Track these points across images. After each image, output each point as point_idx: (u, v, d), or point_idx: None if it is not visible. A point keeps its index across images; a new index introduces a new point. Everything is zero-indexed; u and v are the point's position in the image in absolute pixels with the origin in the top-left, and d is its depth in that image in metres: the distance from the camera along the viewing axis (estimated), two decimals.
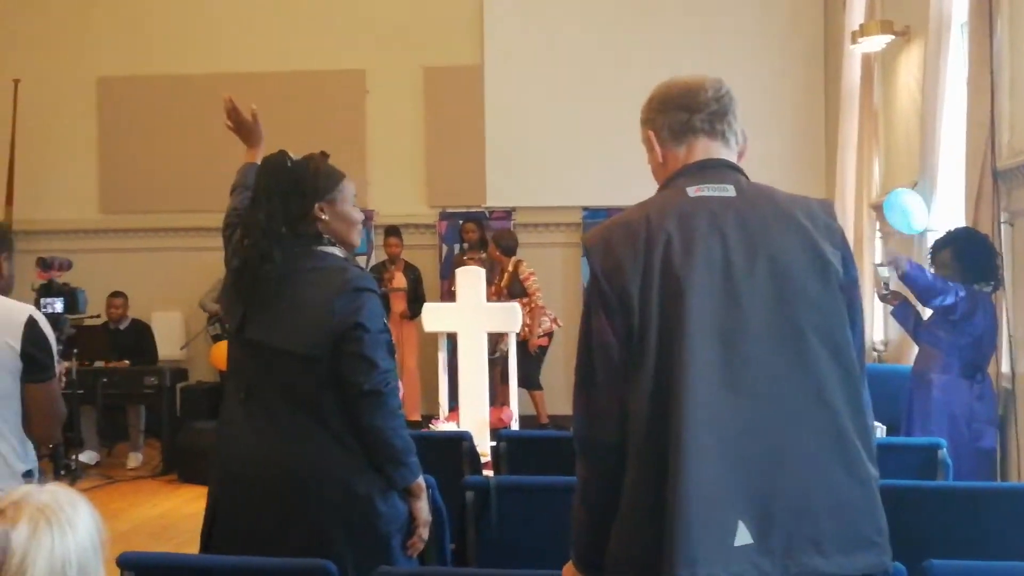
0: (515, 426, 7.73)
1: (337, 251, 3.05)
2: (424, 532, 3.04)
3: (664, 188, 2.28)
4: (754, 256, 2.13)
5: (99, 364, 8.83)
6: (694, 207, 2.17)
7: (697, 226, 2.14)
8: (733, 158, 2.29)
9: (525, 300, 9.04)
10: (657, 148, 2.31)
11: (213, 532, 3.05)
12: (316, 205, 3.02)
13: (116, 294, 9.26)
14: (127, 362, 8.96)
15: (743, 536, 2.01)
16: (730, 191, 2.20)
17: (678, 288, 2.10)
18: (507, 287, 9.14)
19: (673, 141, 2.29)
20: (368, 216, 3.07)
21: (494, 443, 4.80)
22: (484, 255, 9.23)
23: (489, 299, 8.83)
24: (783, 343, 2.10)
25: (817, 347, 2.10)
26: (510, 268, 9.24)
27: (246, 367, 3.03)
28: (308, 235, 3.01)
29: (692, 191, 2.20)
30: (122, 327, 9.23)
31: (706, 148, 2.28)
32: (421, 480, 3.02)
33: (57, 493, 1.77)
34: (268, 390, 2.99)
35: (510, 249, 9.31)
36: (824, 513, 2.04)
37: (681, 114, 2.28)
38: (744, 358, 2.08)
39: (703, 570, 2.00)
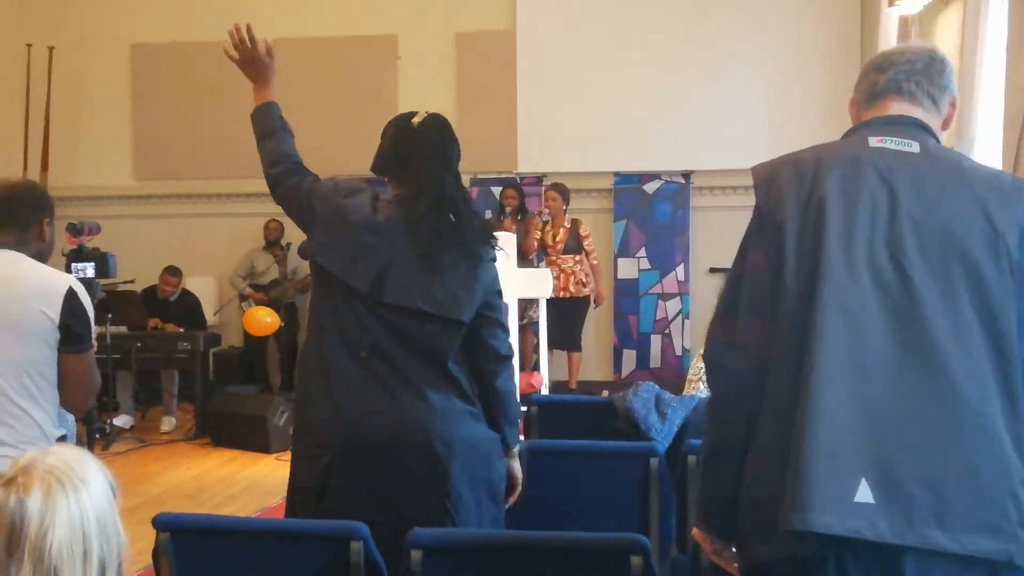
0: (545, 391, 7.74)
1: None
2: (519, 489, 3.27)
3: (847, 135, 2.26)
4: (925, 217, 2.08)
5: (151, 328, 8.93)
6: (869, 156, 2.15)
7: (866, 175, 2.11)
8: (932, 121, 2.25)
9: (579, 257, 9.20)
10: (854, 111, 2.33)
11: (328, 490, 3.04)
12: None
13: (172, 271, 9.28)
14: (180, 330, 9.03)
15: (864, 494, 1.98)
16: (914, 147, 2.15)
17: (830, 237, 2.07)
18: (563, 242, 9.17)
19: (866, 103, 2.30)
20: None
21: (525, 408, 4.81)
22: (545, 210, 9.29)
23: (546, 249, 8.98)
24: (944, 308, 2.04)
25: (976, 326, 2.04)
26: (567, 224, 9.25)
27: (372, 326, 3.03)
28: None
29: (874, 141, 2.17)
30: (172, 298, 9.31)
31: (897, 106, 2.26)
32: None
33: (62, 453, 1.77)
34: (399, 350, 3.03)
35: (568, 200, 9.34)
36: (952, 490, 1.99)
37: (874, 74, 2.29)
38: (904, 320, 2.04)
39: (817, 518, 1.98)
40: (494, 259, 3.13)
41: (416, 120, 3.12)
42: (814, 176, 2.13)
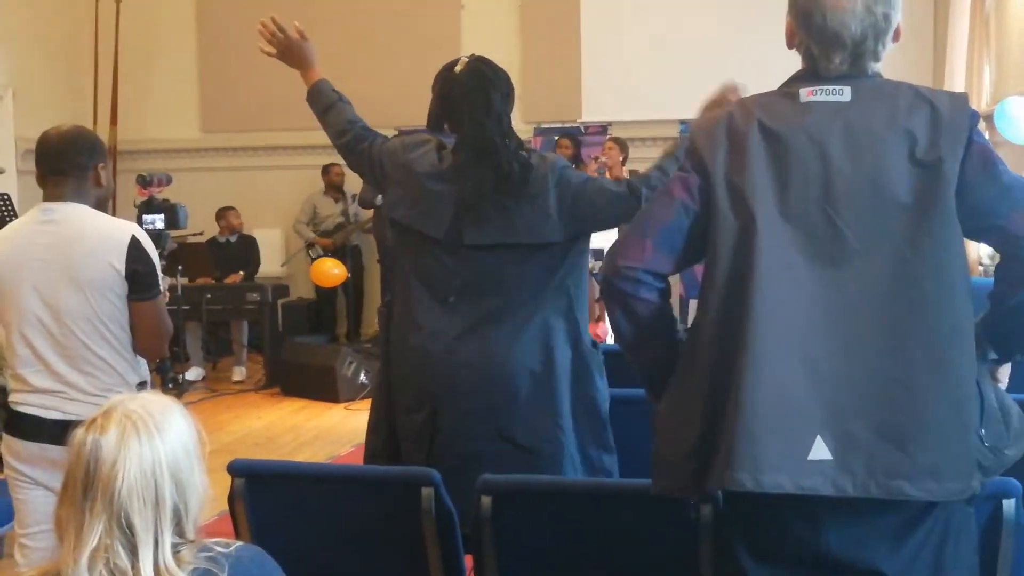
0: (610, 340, 7.72)
1: None
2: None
3: (785, 85, 2.20)
4: (855, 172, 2.06)
5: (203, 281, 9.06)
6: (801, 116, 2.10)
7: (797, 142, 2.08)
8: (871, 60, 2.15)
9: None
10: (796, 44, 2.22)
11: (437, 436, 3.10)
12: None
13: (228, 207, 9.52)
14: (241, 273, 9.24)
15: (820, 451, 1.97)
16: (845, 95, 2.10)
17: (764, 205, 2.06)
18: None
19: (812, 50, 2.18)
20: None
21: None
22: (602, 158, 9.17)
23: None
24: (884, 259, 2.03)
25: (919, 271, 2.02)
26: (625, 175, 9.17)
27: (456, 270, 3.07)
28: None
29: (804, 94, 2.12)
30: (232, 240, 9.45)
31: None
32: None
33: (148, 400, 1.80)
34: (486, 290, 3.07)
35: (627, 153, 9.23)
36: (913, 438, 1.97)
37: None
38: (841, 274, 2.03)
39: (768, 478, 1.97)
40: (564, 166, 3.10)
41: (457, 67, 3.12)
42: (750, 140, 2.10)
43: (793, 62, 2.27)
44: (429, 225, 3.07)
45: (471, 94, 3.06)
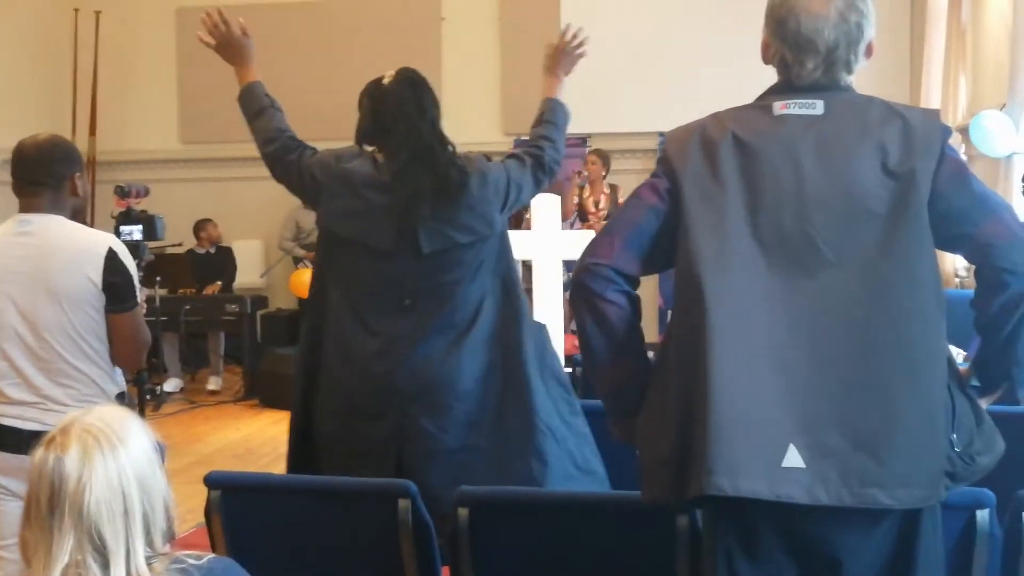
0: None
1: None
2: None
3: (759, 99, 2.23)
4: (828, 184, 2.08)
5: (183, 292, 9.03)
6: (774, 129, 2.13)
7: (769, 154, 2.11)
8: (843, 71, 2.19)
9: None
10: (770, 57, 2.26)
11: (413, 437, 3.12)
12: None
13: (206, 220, 9.54)
14: (219, 283, 9.25)
15: (793, 459, 1.98)
16: (817, 108, 2.13)
17: (734, 216, 2.08)
18: (607, 208, 9.06)
19: (786, 58, 2.21)
20: None
21: (569, 369, 4.80)
22: (584, 172, 9.15)
23: (587, 215, 8.87)
24: (856, 269, 2.05)
25: (893, 275, 2.04)
26: (606, 191, 9.18)
27: (409, 276, 3.11)
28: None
29: (778, 107, 2.15)
30: (211, 251, 9.45)
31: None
32: None
33: (103, 413, 1.79)
34: (439, 290, 3.12)
35: (608, 166, 9.25)
36: (886, 447, 1.98)
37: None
38: (813, 284, 2.05)
39: (745, 483, 1.98)
40: (486, 159, 3.24)
41: (386, 79, 3.17)
42: (723, 153, 2.13)
43: (771, 75, 2.29)
44: (374, 237, 3.09)
45: (404, 101, 3.11)
